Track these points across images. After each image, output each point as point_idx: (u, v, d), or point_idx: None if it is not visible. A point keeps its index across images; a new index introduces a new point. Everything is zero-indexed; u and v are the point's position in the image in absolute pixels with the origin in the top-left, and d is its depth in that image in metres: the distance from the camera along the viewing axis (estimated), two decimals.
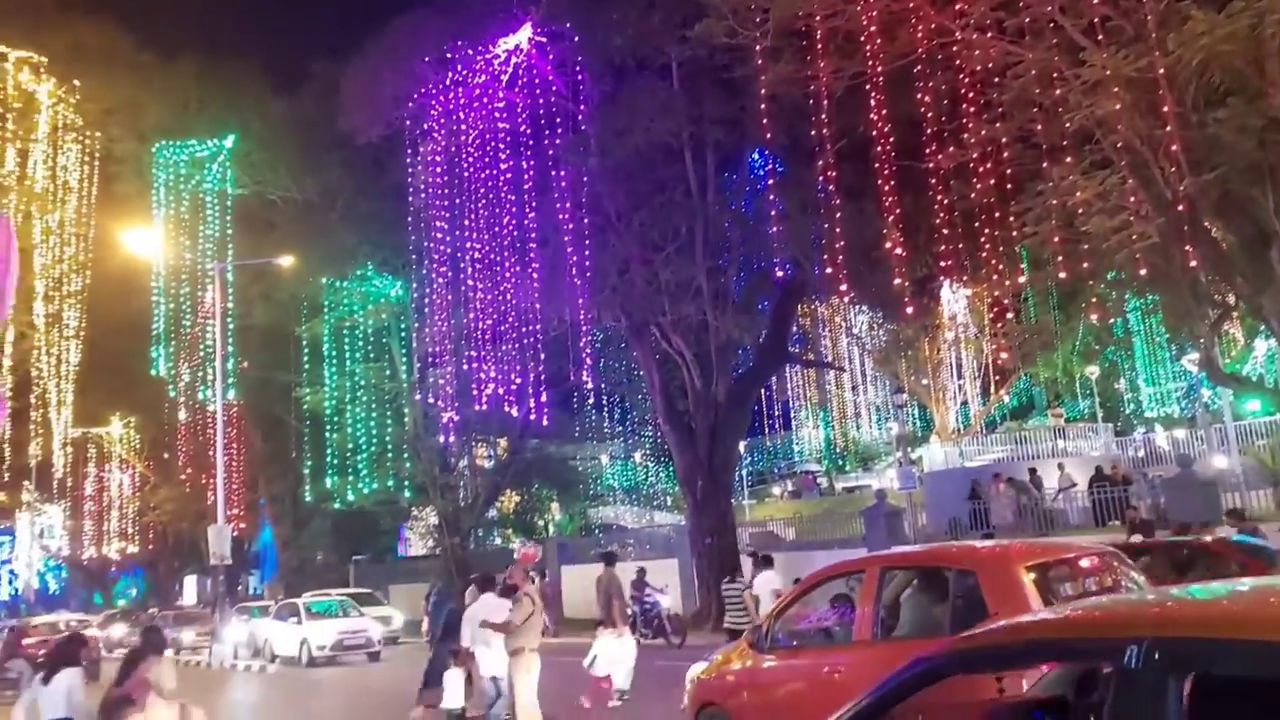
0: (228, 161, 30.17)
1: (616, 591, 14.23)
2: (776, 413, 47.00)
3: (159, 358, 32.84)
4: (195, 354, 32.59)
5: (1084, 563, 6.62)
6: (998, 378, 35.69)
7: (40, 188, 28.81)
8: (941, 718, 3.92)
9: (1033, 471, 24.76)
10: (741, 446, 33.69)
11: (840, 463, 48.70)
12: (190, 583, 48.38)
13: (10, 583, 60.02)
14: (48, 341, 31.04)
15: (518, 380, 26.20)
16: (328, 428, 33.00)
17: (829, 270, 18.94)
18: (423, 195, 26.54)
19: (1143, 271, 16.47)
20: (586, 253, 23.48)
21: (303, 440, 35.51)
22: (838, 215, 18.69)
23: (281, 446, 36.68)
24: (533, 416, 27.39)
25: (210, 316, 28.91)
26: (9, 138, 27.64)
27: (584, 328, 24.82)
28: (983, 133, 15.77)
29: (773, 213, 21.28)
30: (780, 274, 23.45)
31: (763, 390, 35.13)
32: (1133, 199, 15.09)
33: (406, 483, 33.04)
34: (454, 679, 10.70)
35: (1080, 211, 15.21)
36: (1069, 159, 15.18)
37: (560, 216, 23.29)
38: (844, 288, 20.50)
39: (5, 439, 32.23)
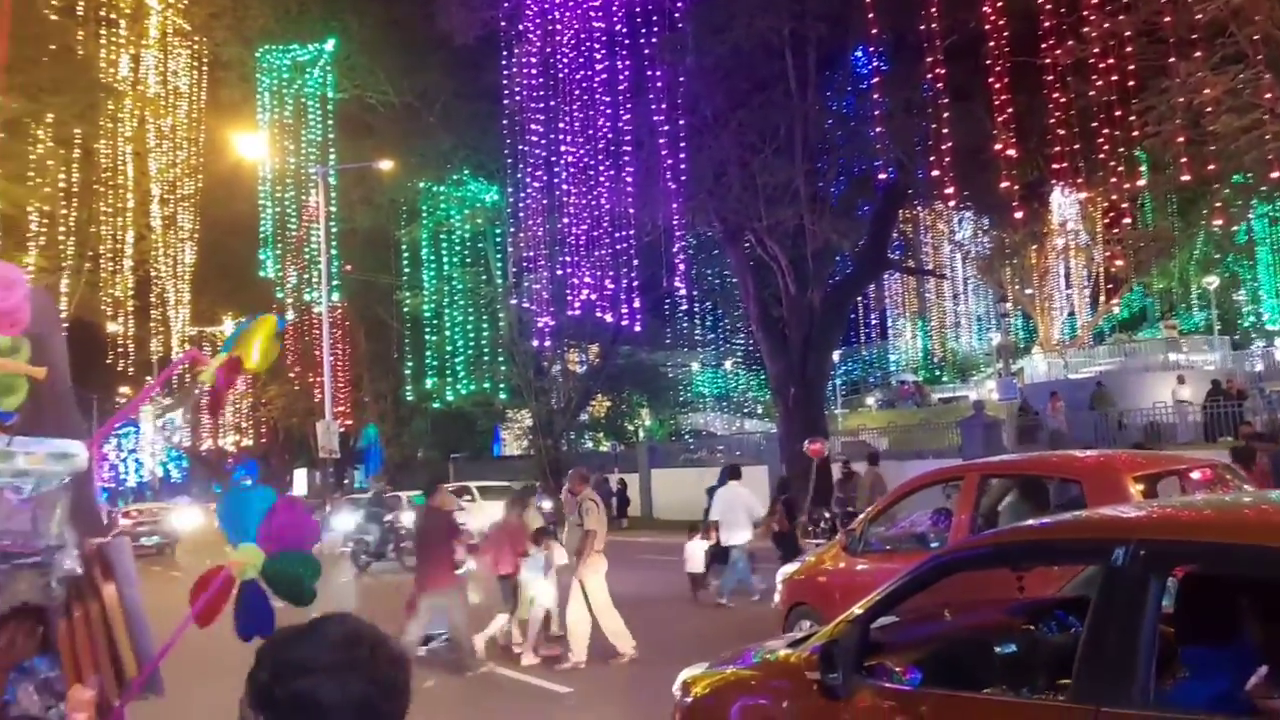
0: (329, 65, 30.44)
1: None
2: (873, 321, 46.26)
3: (267, 260, 33.96)
4: (301, 256, 33.56)
5: (1194, 475, 6.41)
6: (1109, 287, 34.27)
7: (152, 93, 29.61)
8: (969, 614, 4.44)
9: (1099, 385, 24.20)
10: (835, 355, 33.37)
11: (937, 373, 47.83)
12: (300, 475, 50.84)
13: (137, 471, 64.17)
14: (164, 243, 32.31)
15: (611, 286, 26.29)
16: (427, 330, 33.88)
17: (934, 173, 18.35)
18: (518, 98, 26.41)
19: (1274, 174, 15.44)
20: (682, 155, 23.13)
21: (403, 342, 36.56)
22: (945, 115, 17.98)
23: (384, 347, 37.84)
24: (625, 323, 27.53)
25: (314, 220, 29.61)
26: (122, 43, 28.36)
27: (678, 233, 24.64)
28: (1105, 26, 14.82)
29: (876, 112, 20.53)
30: (882, 177, 22.76)
31: (859, 298, 34.57)
32: (1268, 96, 14.07)
33: (502, 385, 33.84)
34: (697, 549, 12.34)
35: (1208, 110, 14.28)
36: (1198, 53, 14.19)
37: (656, 118, 22.91)
38: (949, 191, 19.85)
39: (129, 336, 33.94)
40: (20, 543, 1.90)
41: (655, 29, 23.33)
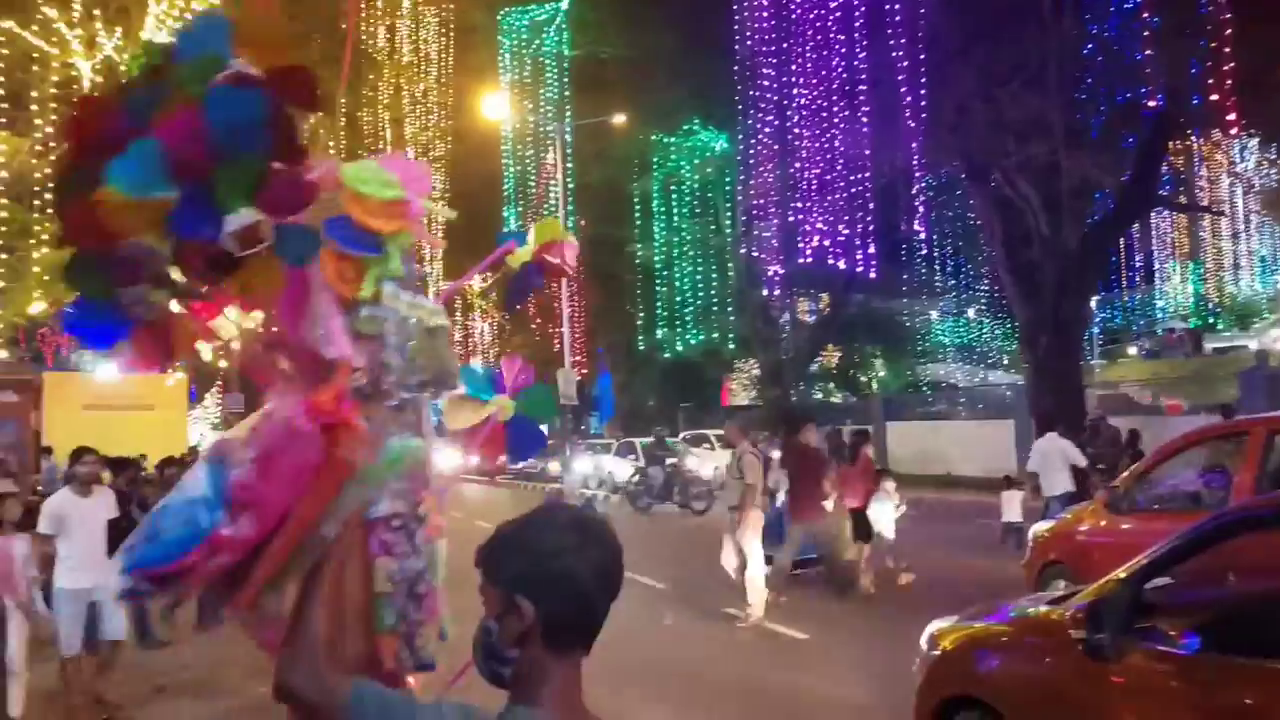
0: (564, 24, 31.27)
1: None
2: (1137, 263, 42.32)
3: (509, 217, 35.66)
4: (540, 212, 34.97)
5: None
6: None
7: (406, 60, 31.63)
8: (1258, 577, 4.15)
9: None
10: (1093, 301, 30.89)
11: (1211, 320, 43.22)
12: None
13: None
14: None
15: (844, 232, 25.58)
16: (657, 281, 34.46)
17: (1213, 99, 16.37)
18: (749, 42, 26.02)
19: None
20: (921, 92, 22.02)
21: (635, 293, 37.41)
22: (1226, 34, 15.97)
23: (616, 299, 38.90)
24: (859, 270, 26.74)
25: (552, 176, 30.72)
26: (379, 15, 30.42)
27: (917, 174, 23.56)
28: None
29: (1145, 34, 18.55)
30: (1150, 105, 20.64)
31: (1121, 238, 31.74)
32: None
33: (730, 335, 33.93)
34: (1013, 498, 12.68)
35: None
36: None
37: (894, 54, 21.86)
38: (1231, 119, 17.72)
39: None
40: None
41: None
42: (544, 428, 2.56)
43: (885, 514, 10.67)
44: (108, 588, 6.11)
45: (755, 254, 30.81)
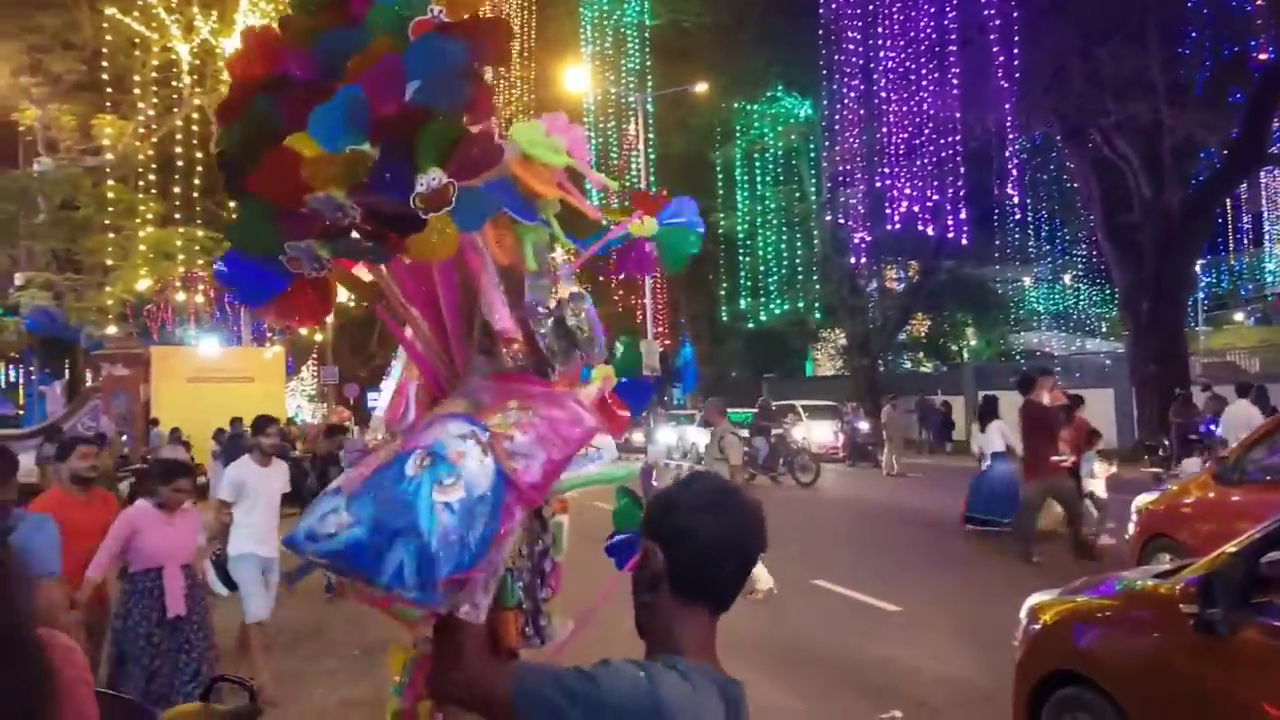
0: None
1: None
2: (1245, 225, 40.29)
3: (590, 189, 35.68)
4: (622, 184, 34.96)
5: None
6: None
7: None
8: None
9: None
10: (1197, 265, 29.60)
11: None
12: None
13: None
14: None
15: (934, 197, 24.97)
16: (741, 251, 34.20)
17: None
18: (833, 5, 25.46)
19: None
20: (1015, 51, 21.28)
21: (718, 263, 37.19)
22: None
23: (699, 269, 38.69)
24: (949, 235, 26.11)
25: (633, 147, 30.67)
26: None
27: (1010, 136, 22.83)
28: None
29: None
30: (1261, 58, 19.60)
31: (1228, 199, 30.29)
32: None
33: (816, 304, 33.52)
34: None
35: None
36: None
37: (985, 12, 21.17)
38: None
39: None
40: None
41: None
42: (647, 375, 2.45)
43: (1096, 474, 10.65)
44: (276, 561, 6.38)
45: (841, 221, 30.31)
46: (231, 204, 1.74)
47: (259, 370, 23.94)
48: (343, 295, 1.94)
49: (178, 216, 21.86)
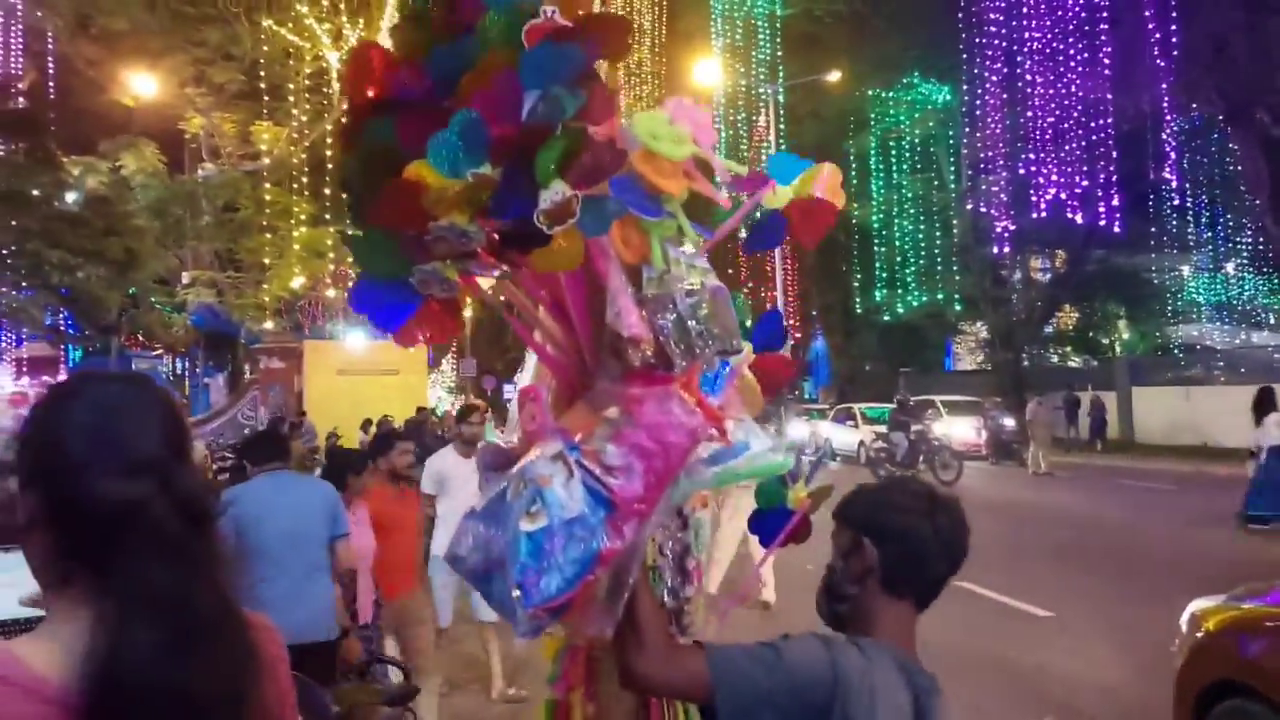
0: None
1: None
2: None
3: (719, 181, 35.55)
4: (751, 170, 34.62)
5: None
6: None
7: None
8: None
9: None
10: None
11: None
12: None
13: None
14: None
15: (1083, 183, 23.78)
16: (875, 241, 33.41)
17: None
18: None
19: None
20: (1172, 28, 20.05)
21: (851, 254, 36.44)
22: None
23: (831, 260, 38.03)
24: (1101, 223, 24.81)
25: (764, 139, 30.38)
26: None
27: (1166, 117, 21.54)
28: None
29: None
30: None
31: None
32: None
33: (955, 296, 32.42)
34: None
35: None
36: None
37: None
38: None
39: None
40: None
41: None
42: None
43: None
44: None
45: (983, 209, 29.21)
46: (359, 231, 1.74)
47: (403, 363, 24.87)
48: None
49: (327, 216, 22.94)
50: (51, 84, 22.89)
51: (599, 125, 1.63)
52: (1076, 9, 22.27)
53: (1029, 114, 23.89)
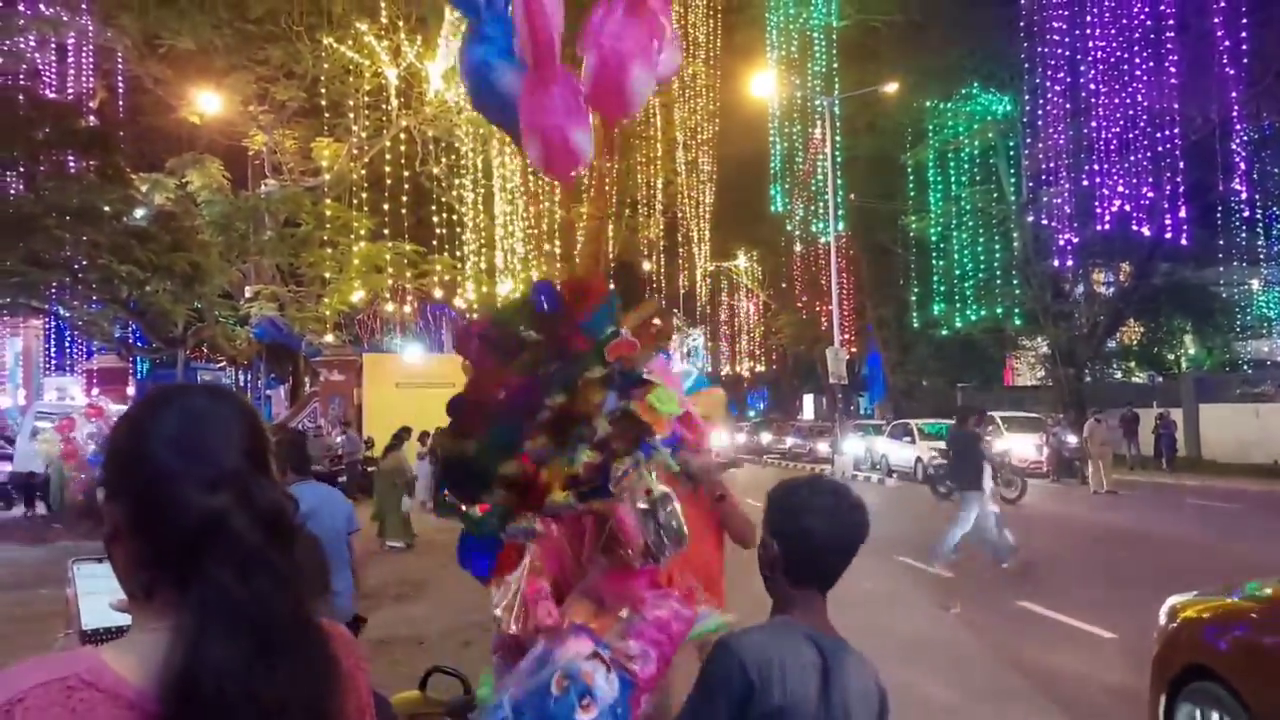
0: None
1: None
2: None
3: (776, 195, 35.44)
4: (807, 189, 34.48)
5: None
6: None
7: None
8: None
9: None
10: None
11: None
12: (808, 400, 53.11)
13: None
14: (687, 185, 35.27)
15: (1149, 194, 23.23)
16: (933, 254, 32.99)
17: None
18: None
19: None
20: (1242, 34, 19.54)
21: (908, 268, 36.01)
22: None
23: (888, 274, 37.64)
24: (1167, 235, 24.19)
25: (820, 151, 30.19)
26: None
27: (1236, 126, 20.94)
28: None
29: None
30: None
31: None
32: None
33: (1015, 310, 31.84)
34: None
35: None
36: None
37: None
38: None
39: (660, 273, 37.82)
40: None
41: None
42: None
43: None
44: None
45: (1044, 222, 28.66)
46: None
47: (459, 376, 24.75)
48: None
49: (386, 232, 23.27)
50: (121, 102, 23.59)
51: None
52: (1142, 15, 21.81)
53: (1092, 124, 23.43)
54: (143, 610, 1.16)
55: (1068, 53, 23.89)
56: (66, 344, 37.06)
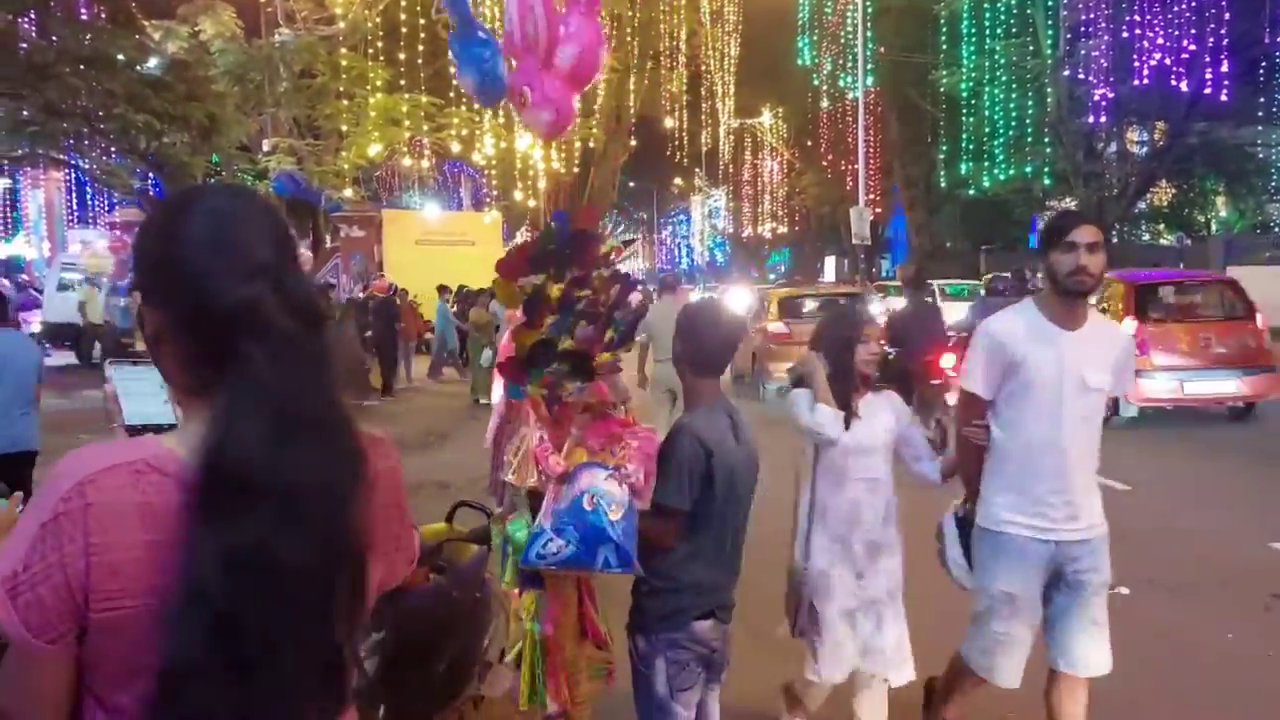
0: None
1: None
2: None
3: (804, 47, 34.23)
4: (836, 42, 33.27)
5: None
6: None
7: None
8: None
9: None
10: None
11: None
12: (829, 262, 52.71)
13: (688, 255, 71.56)
14: (711, 37, 34.01)
15: (1190, 47, 22.30)
16: (963, 111, 32.00)
17: None
18: None
19: None
20: None
21: (937, 125, 35.03)
22: None
23: (916, 132, 36.67)
24: (1206, 92, 23.35)
25: (850, 1, 28.97)
26: None
27: None
28: None
29: None
30: None
31: None
32: None
33: (1045, 170, 31.09)
34: None
35: None
36: None
37: None
38: None
39: (683, 129, 36.93)
40: None
41: None
42: None
43: None
44: None
45: (1080, 77, 27.62)
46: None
47: (479, 234, 25.08)
48: (555, 161, 2.69)
49: (403, 83, 22.76)
50: None
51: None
52: None
53: None
54: (193, 405, 1.20)
55: None
56: (88, 197, 37.03)
